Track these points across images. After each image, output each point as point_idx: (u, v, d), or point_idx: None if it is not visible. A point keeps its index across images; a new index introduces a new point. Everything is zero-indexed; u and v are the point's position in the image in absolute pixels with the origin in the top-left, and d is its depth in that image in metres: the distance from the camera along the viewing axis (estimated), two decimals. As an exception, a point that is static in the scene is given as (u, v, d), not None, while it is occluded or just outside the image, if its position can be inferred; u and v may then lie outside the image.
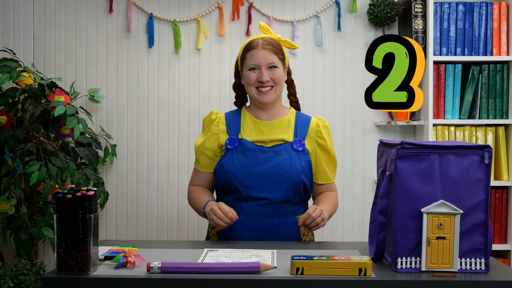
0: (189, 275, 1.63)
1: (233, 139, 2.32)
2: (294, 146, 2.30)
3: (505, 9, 3.28)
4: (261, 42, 2.30)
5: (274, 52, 2.30)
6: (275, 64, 2.29)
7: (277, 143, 2.30)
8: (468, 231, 1.70)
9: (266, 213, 2.26)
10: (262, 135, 2.32)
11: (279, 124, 2.34)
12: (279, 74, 2.30)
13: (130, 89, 3.43)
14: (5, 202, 3.00)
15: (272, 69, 2.29)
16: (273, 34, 2.38)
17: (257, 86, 2.30)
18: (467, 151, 1.70)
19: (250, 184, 2.25)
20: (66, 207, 1.64)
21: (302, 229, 2.31)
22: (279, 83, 2.31)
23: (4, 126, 3.06)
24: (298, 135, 2.32)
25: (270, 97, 2.31)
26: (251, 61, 2.29)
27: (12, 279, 1.71)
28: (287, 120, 2.36)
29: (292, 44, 2.38)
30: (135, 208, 3.46)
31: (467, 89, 3.29)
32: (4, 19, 3.41)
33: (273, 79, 2.29)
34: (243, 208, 2.26)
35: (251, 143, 2.30)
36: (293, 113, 2.39)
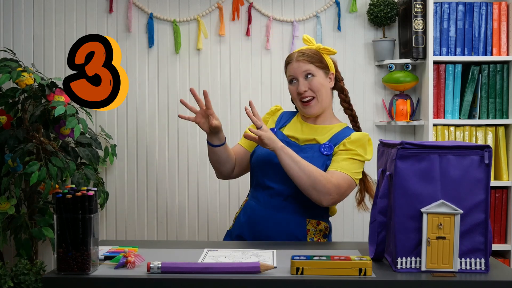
0: (189, 275, 1.63)
1: (272, 130, 2.38)
2: (321, 149, 2.29)
3: (505, 9, 3.28)
4: (296, 55, 2.34)
5: (309, 61, 2.31)
6: (311, 72, 2.31)
7: (309, 142, 2.32)
8: (468, 231, 1.70)
9: (274, 205, 2.27)
10: (300, 134, 2.35)
11: (322, 129, 2.36)
12: (317, 82, 2.30)
13: (130, 89, 3.43)
14: (5, 202, 3.00)
15: (309, 78, 2.31)
16: (314, 44, 2.38)
17: (300, 99, 2.33)
18: (467, 151, 1.70)
19: (267, 172, 2.29)
20: (66, 207, 1.64)
21: (311, 234, 2.29)
22: (319, 92, 2.31)
23: (4, 126, 3.06)
24: (332, 141, 2.31)
25: (313, 109, 2.33)
26: (289, 73, 2.35)
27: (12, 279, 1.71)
28: (331, 128, 2.36)
29: (330, 50, 2.38)
30: (135, 208, 3.46)
31: (467, 89, 3.29)
32: (4, 19, 3.41)
33: (311, 88, 2.31)
34: (257, 196, 2.32)
35: (284, 136, 2.34)
36: (342, 126, 2.37)
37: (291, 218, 2.27)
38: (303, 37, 2.42)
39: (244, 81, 3.44)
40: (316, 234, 2.30)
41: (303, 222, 2.28)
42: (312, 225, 2.30)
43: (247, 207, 2.35)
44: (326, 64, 2.35)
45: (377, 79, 3.46)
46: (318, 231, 2.31)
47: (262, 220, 2.27)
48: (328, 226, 2.34)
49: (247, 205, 2.35)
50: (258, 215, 2.29)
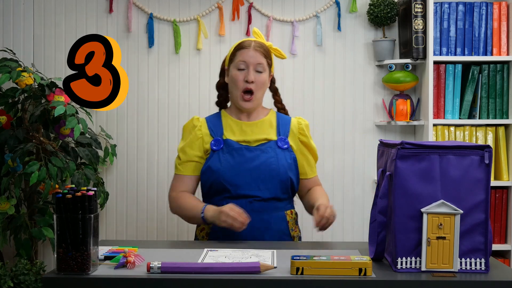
0: (189, 275, 1.63)
1: (218, 140, 2.34)
2: (279, 144, 2.35)
3: (505, 9, 3.28)
4: (253, 44, 2.36)
5: (264, 55, 2.35)
6: (262, 67, 2.34)
7: (262, 142, 2.35)
8: (468, 231, 1.70)
9: (255, 209, 2.28)
10: (246, 135, 2.36)
11: (261, 124, 2.39)
12: (263, 79, 2.35)
13: (130, 89, 3.43)
14: (5, 202, 3.00)
15: (258, 73, 2.33)
16: (265, 40, 2.43)
17: (243, 89, 2.32)
18: (467, 151, 1.70)
19: (239, 183, 2.28)
20: (66, 207, 1.64)
21: (290, 224, 2.35)
22: (261, 88, 2.36)
23: (4, 126, 3.06)
24: (281, 134, 2.37)
25: (250, 105, 2.36)
26: (241, 58, 2.33)
27: (12, 279, 1.71)
28: (268, 120, 2.40)
29: (281, 53, 2.43)
30: (135, 208, 3.46)
31: (467, 89, 3.29)
32: (4, 19, 3.41)
33: (257, 83, 2.33)
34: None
35: (236, 143, 2.33)
36: (274, 114, 2.45)
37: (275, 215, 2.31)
38: (254, 30, 2.44)
39: (244, 81, 3.44)
40: (293, 223, 2.38)
41: (284, 216, 2.35)
42: (289, 216, 2.37)
43: None
44: (271, 63, 2.40)
45: (377, 79, 3.45)
46: (293, 220, 2.39)
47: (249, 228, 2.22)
48: (295, 211, 2.44)
49: None
50: None
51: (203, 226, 2.37)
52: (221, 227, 2.19)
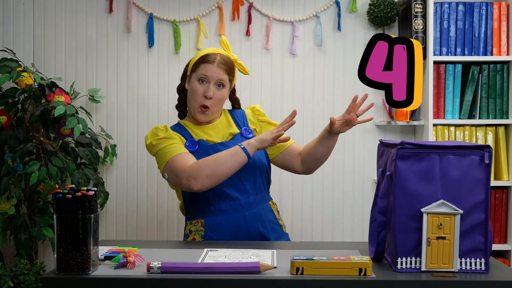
0: (189, 275, 1.63)
1: (192, 141, 2.34)
2: (244, 134, 2.39)
3: (505, 9, 3.28)
4: (218, 59, 2.34)
5: (227, 72, 2.35)
6: (223, 83, 2.35)
7: (229, 138, 2.38)
8: (468, 231, 1.70)
9: (244, 205, 2.29)
10: (211, 136, 2.37)
11: (220, 123, 2.42)
12: (222, 94, 2.36)
13: (130, 89, 3.43)
14: (5, 202, 3.00)
15: (219, 87, 2.34)
16: (231, 53, 2.42)
17: (201, 104, 2.33)
18: (467, 151, 1.70)
19: (222, 183, 2.25)
20: (66, 207, 1.64)
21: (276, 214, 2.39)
22: (219, 104, 2.37)
23: (4, 126, 3.06)
24: (241, 125, 2.42)
25: (205, 118, 2.37)
26: (203, 71, 2.32)
27: (12, 279, 1.71)
28: (224, 119, 2.44)
29: (244, 69, 2.44)
30: (135, 208, 3.46)
31: (467, 89, 3.29)
32: (4, 19, 3.41)
33: (215, 99, 2.34)
34: (222, 208, 2.29)
35: (208, 143, 2.34)
36: (226, 112, 2.48)
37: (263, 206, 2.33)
38: (222, 39, 2.43)
39: (244, 81, 3.43)
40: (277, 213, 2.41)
41: (270, 206, 2.38)
42: (273, 206, 2.40)
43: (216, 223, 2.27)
44: (233, 78, 2.42)
45: (377, 79, 3.45)
46: (276, 210, 2.41)
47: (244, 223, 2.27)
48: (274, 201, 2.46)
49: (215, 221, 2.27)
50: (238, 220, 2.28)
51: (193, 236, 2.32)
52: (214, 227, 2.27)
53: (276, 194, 3.37)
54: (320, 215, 3.45)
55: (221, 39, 2.45)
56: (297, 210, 3.45)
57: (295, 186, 3.44)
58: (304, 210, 3.45)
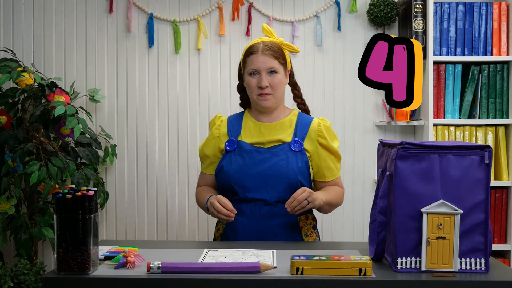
0: (189, 275, 1.63)
1: (232, 141, 2.33)
2: (292, 147, 2.30)
3: (505, 9, 3.28)
4: (261, 47, 2.30)
5: (274, 57, 2.30)
6: (274, 69, 2.30)
7: (275, 144, 2.31)
8: (468, 231, 1.70)
9: (264, 214, 2.26)
10: (262, 137, 2.33)
11: (280, 125, 2.35)
12: (277, 80, 2.30)
13: (130, 89, 3.43)
14: (5, 202, 3.00)
15: (272, 74, 2.30)
16: (276, 37, 2.37)
17: (257, 93, 2.30)
18: (467, 151, 1.70)
19: (247, 185, 2.26)
20: (66, 207, 1.64)
21: (304, 230, 2.31)
22: (278, 89, 2.31)
23: (4, 126, 3.06)
24: (297, 136, 2.32)
25: (269, 103, 2.32)
26: (251, 66, 2.30)
27: (12, 279, 1.71)
28: (288, 121, 2.36)
29: (294, 48, 2.37)
30: (135, 208, 3.46)
31: (467, 89, 3.29)
32: (4, 19, 3.41)
33: (272, 85, 2.30)
34: (242, 209, 2.27)
35: (249, 145, 2.31)
36: (295, 114, 2.39)
37: (285, 221, 2.27)
38: (263, 27, 2.38)
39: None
40: (308, 229, 2.33)
41: (296, 221, 2.29)
42: (303, 222, 2.32)
43: (233, 225, 2.28)
44: (286, 60, 2.36)
45: (377, 79, 3.45)
46: (308, 225, 2.34)
47: (257, 233, 2.25)
48: (314, 216, 2.40)
49: (232, 223, 2.27)
50: (252, 228, 2.26)
51: (219, 226, 2.37)
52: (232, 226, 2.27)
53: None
54: (320, 215, 3.45)
55: (263, 26, 2.39)
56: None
57: (295, 186, 3.44)
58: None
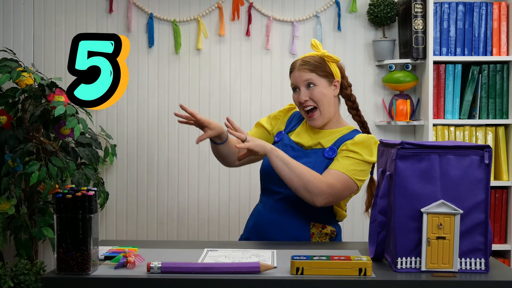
0: (189, 275, 1.63)
1: (281, 133, 2.40)
2: (325, 153, 2.26)
3: (505, 9, 3.28)
4: (298, 63, 2.31)
5: (310, 70, 2.27)
6: (312, 82, 2.27)
7: (314, 147, 2.30)
8: (468, 231, 1.70)
9: (279, 208, 2.28)
10: (307, 140, 2.32)
11: (328, 133, 2.32)
12: (318, 92, 2.26)
13: (130, 89, 3.43)
14: (5, 202, 3.00)
15: (310, 87, 2.27)
16: (321, 50, 2.33)
17: (302, 107, 2.30)
18: (467, 151, 1.70)
19: (271, 177, 2.27)
20: (66, 207, 1.64)
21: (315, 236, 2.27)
22: (320, 102, 2.27)
23: (4, 126, 3.06)
24: (336, 144, 2.27)
25: (317, 122, 2.29)
26: (291, 82, 2.33)
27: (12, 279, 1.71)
28: (338, 131, 2.32)
29: (334, 58, 2.32)
30: (135, 208, 3.46)
31: (467, 89, 3.29)
32: (4, 19, 3.41)
33: (312, 98, 2.27)
34: (264, 201, 2.35)
35: (291, 141, 2.33)
36: (349, 129, 2.33)
37: (294, 221, 2.27)
38: (312, 42, 2.35)
39: (244, 81, 3.44)
40: (322, 237, 2.28)
41: (307, 225, 2.27)
42: (317, 229, 2.27)
43: (254, 211, 2.38)
44: (330, 72, 2.30)
45: (377, 79, 3.46)
46: (323, 234, 2.28)
47: (267, 224, 2.29)
48: (335, 230, 2.31)
49: (255, 209, 2.38)
50: (264, 218, 2.30)
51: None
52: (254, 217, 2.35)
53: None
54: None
55: (311, 42, 2.35)
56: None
57: (295, 186, 3.44)
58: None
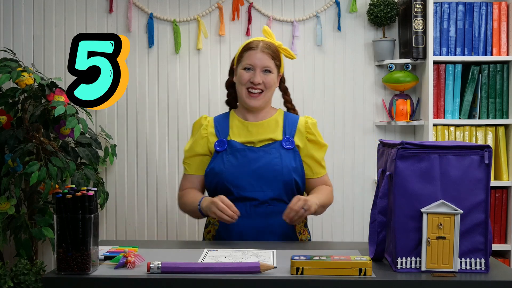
0: (189, 275, 1.63)
1: (222, 141, 2.32)
2: (284, 144, 2.31)
3: (505, 9, 3.28)
4: (261, 45, 2.32)
5: (271, 57, 2.32)
6: (270, 69, 2.31)
7: (267, 142, 2.32)
8: (468, 231, 1.70)
9: (260, 213, 2.26)
10: (251, 136, 2.33)
11: (267, 124, 2.36)
12: (271, 79, 2.32)
13: (130, 89, 3.43)
14: (5, 202, 3.00)
15: (266, 73, 2.31)
16: (275, 40, 2.39)
17: (248, 87, 2.31)
18: (467, 151, 1.70)
19: (242, 184, 2.25)
20: (66, 207, 1.64)
21: (297, 228, 2.32)
22: (270, 88, 2.33)
23: (4, 126, 3.06)
24: (287, 134, 2.34)
25: (258, 102, 2.33)
26: (248, 61, 2.31)
27: (12, 279, 1.71)
28: (274, 120, 2.38)
29: (290, 54, 2.40)
30: (135, 208, 3.46)
31: (467, 89, 3.29)
32: (4, 19, 3.41)
33: (265, 83, 2.31)
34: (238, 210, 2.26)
35: (240, 144, 2.31)
36: (281, 113, 2.41)
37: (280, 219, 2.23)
38: (264, 29, 2.40)
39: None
40: (301, 227, 2.35)
41: None
42: None
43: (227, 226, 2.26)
44: (280, 64, 2.37)
45: (377, 79, 3.46)
46: (301, 223, 2.35)
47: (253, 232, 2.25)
48: None
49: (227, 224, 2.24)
50: (248, 228, 2.25)
51: (210, 228, 2.35)
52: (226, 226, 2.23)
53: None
54: (320, 215, 3.45)
55: (264, 28, 2.41)
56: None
57: (295, 186, 3.44)
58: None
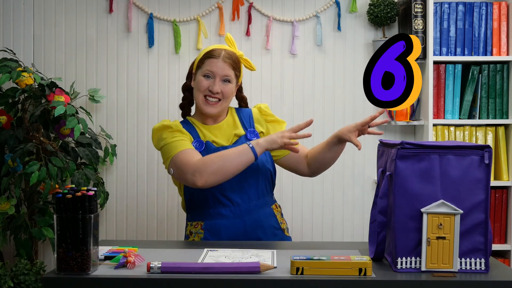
0: (189, 275, 1.63)
1: (200, 141, 2.32)
2: (249, 137, 2.35)
3: (505, 9, 3.28)
4: (223, 54, 2.32)
5: (232, 67, 2.33)
6: (229, 78, 2.32)
7: (234, 139, 2.34)
8: (468, 231, 1.70)
9: (244, 210, 2.28)
10: (217, 137, 2.34)
11: (227, 124, 2.38)
12: (229, 89, 2.33)
13: (130, 89, 3.43)
14: (5, 202, 3.00)
15: (225, 82, 2.32)
16: (237, 49, 2.41)
17: (206, 94, 2.31)
18: (467, 151, 1.70)
19: (223, 186, 2.25)
20: (66, 207, 1.64)
21: (278, 218, 2.36)
22: (227, 98, 2.34)
23: (4, 126, 3.06)
24: (247, 127, 2.38)
25: (215, 110, 2.33)
26: (208, 68, 2.31)
27: (12, 279, 1.71)
28: (231, 119, 2.40)
29: (251, 65, 2.41)
30: (135, 208, 3.46)
31: (467, 89, 3.29)
32: (4, 19, 3.41)
33: (223, 93, 2.31)
34: (221, 212, 2.28)
35: (214, 146, 2.31)
36: (233, 110, 2.44)
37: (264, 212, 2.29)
38: (227, 36, 2.41)
39: (244, 81, 3.43)
40: (280, 216, 2.39)
41: (272, 211, 2.35)
42: (276, 210, 2.37)
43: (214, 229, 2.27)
44: (240, 74, 2.39)
45: (377, 79, 3.45)
46: (279, 213, 2.39)
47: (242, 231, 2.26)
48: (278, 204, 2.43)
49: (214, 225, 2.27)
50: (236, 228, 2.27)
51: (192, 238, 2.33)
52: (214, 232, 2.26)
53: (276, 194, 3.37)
54: (320, 215, 3.45)
55: (226, 35, 2.43)
56: (297, 210, 3.45)
57: (295, 186, 3.44)
58: (304, 210, 3.45)
